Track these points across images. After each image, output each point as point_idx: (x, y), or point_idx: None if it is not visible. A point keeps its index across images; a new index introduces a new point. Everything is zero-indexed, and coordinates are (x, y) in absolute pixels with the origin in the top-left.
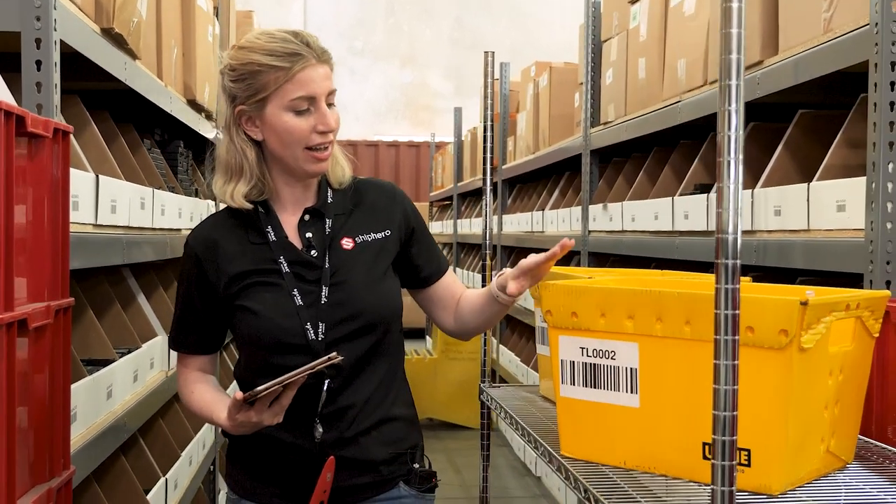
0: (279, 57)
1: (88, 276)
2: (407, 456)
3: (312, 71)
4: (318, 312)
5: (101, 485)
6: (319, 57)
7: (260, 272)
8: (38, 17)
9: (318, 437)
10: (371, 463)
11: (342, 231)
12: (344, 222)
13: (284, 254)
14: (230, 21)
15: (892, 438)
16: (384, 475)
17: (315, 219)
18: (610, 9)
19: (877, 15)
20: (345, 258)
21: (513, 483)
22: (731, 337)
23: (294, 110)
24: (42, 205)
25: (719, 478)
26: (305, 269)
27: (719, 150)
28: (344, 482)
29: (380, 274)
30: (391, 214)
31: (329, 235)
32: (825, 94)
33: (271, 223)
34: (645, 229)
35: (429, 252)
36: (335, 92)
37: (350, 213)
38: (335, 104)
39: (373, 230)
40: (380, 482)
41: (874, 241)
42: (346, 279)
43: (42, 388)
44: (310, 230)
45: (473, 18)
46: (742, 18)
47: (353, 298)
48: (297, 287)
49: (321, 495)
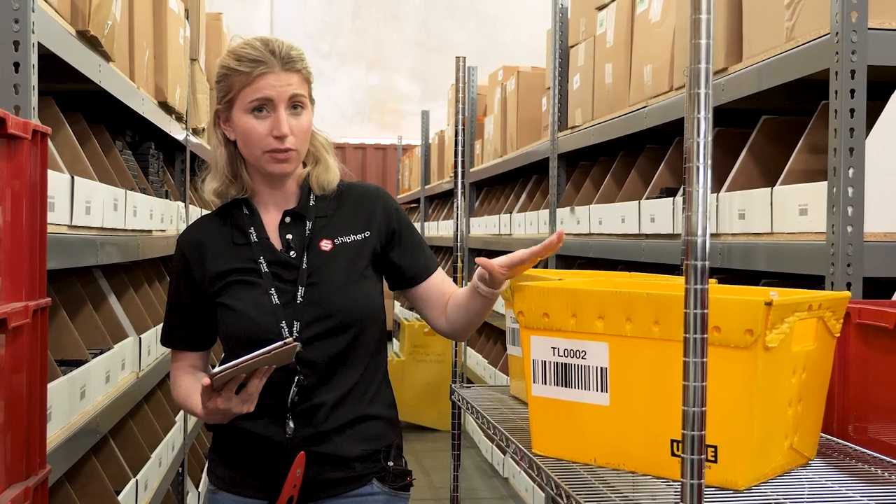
0: (244, 62)
1: (61, 277)
2: (381, 454)
3: (272, 77)
4: (294, 311)
5: (73, 486)
6: (283, 64)
7: (240, 271)
8: (16, 19)
9: (289, 432)
10: (343, 459)
11: (322, 233)
12: (325, 224)
13: (264, 254)
14: (200, 23)
15: (854, 436)
16: (357, 471)
17: (295, 221)
18: (577, 15)
19: (837, 24)
20: (322, 259)
21: (480, 484)
22: (700, 335)
23: (252, 113)
24: (20, 205)
25: (688, 471)
26: (283, 270)
27: (688, 156)
28: (316, 476)
29: (356, 275)
30: (371, 215)
31: (308, 237)
32: (788, 100)
33: (254, 224)
34: (612, 232)
35: (413, 252)
36: (303, 97)
37: (332, 216)
38: (307, 109)
39: (352, 231)
40: (352, 478)
41: (835, 243)
42: (322, 280)
43: (20, 387)
44: (290, 232)
45: (440, 22)
46: (710, 29)
47: (327, 299)
48: (275, 286)
49: (291, 490)
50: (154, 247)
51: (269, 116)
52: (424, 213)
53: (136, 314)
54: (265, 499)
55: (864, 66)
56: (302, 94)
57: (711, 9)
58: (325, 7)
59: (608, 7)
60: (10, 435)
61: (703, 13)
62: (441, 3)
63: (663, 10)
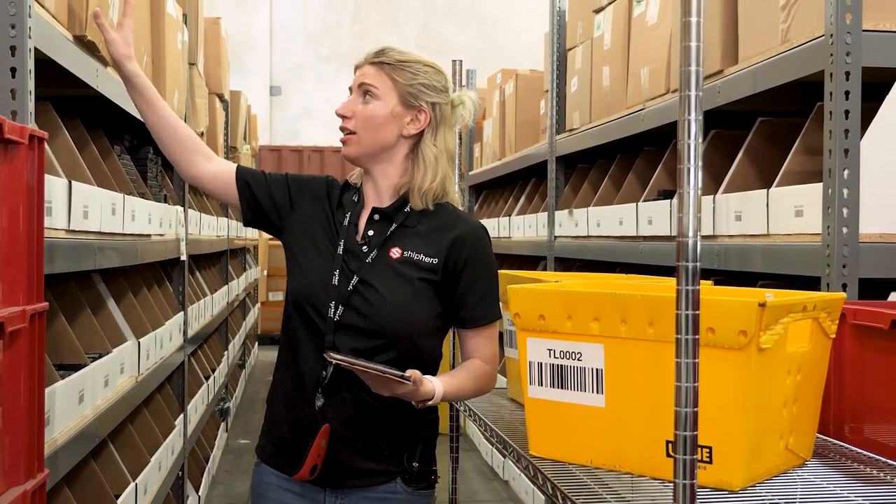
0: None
1: (59, 282)
2: (406, 454)
3: (359, 70)
4: (341, 296)
5: (72, 489)
6: (366, 59)
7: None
8: (12, 24)
9: (318, 405)
10: (366, 449)
11: (397, 240)
12: (404, 234)
13: (346, 239)
14: (198, 28)
15: (850, 436)
16: (381, 465)
17: (383, 220)
18: (575, 18)
19: (832, 26)
20: (385, 263)
21: (480, 487)
22: (692, 336)
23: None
24: (17, 210)
25: (681, 472)
26: (352, 258)
27: (680, 158)
28: (340, 460)
29: (408, 290)
30: (447, 246)
31: (385, 239)
32: (784, 102)
33: (352, 210)
34: (610, 234)
35: (474, 298)
36: (372, 87)
37: (414, 227)
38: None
39: (424, 252)
40: (376, 471)
41: (830, 245)
42: (374, 282)
43: (18, 391)
44: (374, 228)
45: (439, 25)
46: (701, 32)
47: (372, 300)
48: (340, 268)
49: (315, 458)
50: (153, 251)
51: None
52: None
53: (135, 318)
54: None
55: (858, 68)
56: (371, 84)
57: (702, 12)
58: (325, 10)
59: (605, 10)
60: (8, 439)
61: (693, 16)
62: (441, 5)
63: (660, 12)
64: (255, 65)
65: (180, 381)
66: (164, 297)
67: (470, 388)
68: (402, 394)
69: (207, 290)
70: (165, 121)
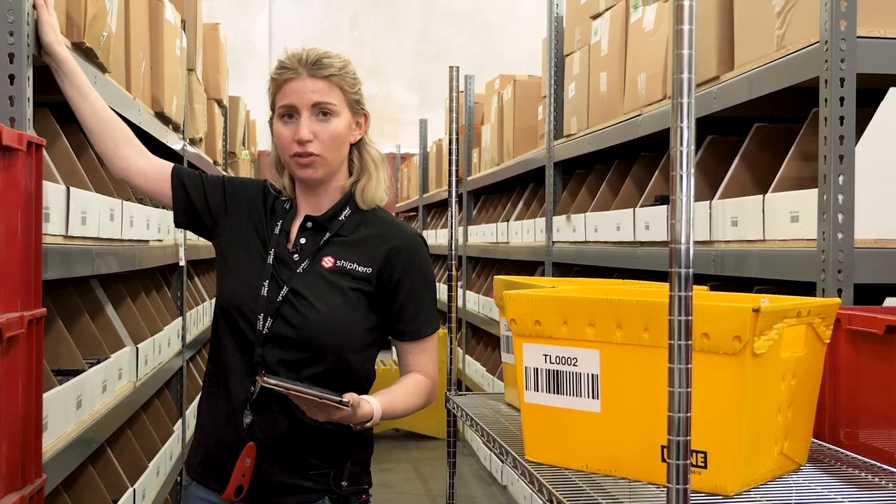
0: (276, 70)
1: (57, 287)
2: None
3: (296, 83)
4: (270, 308)
5: (70, 495)
6: (309, 70)
7: (253, 246)
8: (10, 31)
9: (245, 424)
10: (293, 465)
11: (330, 249)
12: (338, 243)
13: (276, 247)
14: (197, 34)
15: (845, 441)
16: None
17: (316, 229)
18: (572, 24)
19: (826, 32)
20: (317, 273)
21: (479, 492)
22: (685, 342)
23: (282, 119)
24: (15, 216)
25: (674, 477)
26: (282, 267)
27: (672, 165)
28: (267, 477)
29: (340, 300)
30: (382, 256)
31: (317, 248)
32: (780, 108)
33: (284, 218)
34: (607, 240)
35: (412, 310)
36: (329, 104)
37: (348, 237)
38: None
39: (358, 261)
40: (303, 488)
41: (826, 250)
42: (305, 292)
43: (16, 396)
44: (307, 237)
45: (438, 30)
46: (693, 40)
47: (304, 311)
48: (269, 278)
49: (239, 479)
50: (151, 256)
51: (295, 122)
52: (423, 221)
53: (134, 324)
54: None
55: (853, 74)
56: (329, 102)
57: (694, 20)
58: (324, 16)
59: (603, 16)
60: (5, 444)
61: (685, 24)
62: (439, 11)
63: (656, 18)
64: (254, 70)
65: (179, 387)
66: (163, 302)
67: (408, 403)
68: (338, 419)
69: (206, 295)
70: (97, 111)
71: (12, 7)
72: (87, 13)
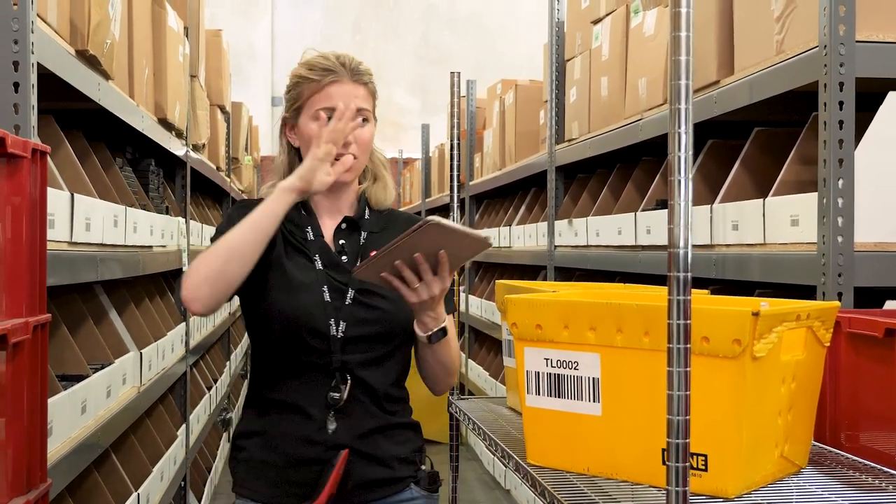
0: (315, 71)
1: (62, 293)
2: (416, 457)
3: (340, 87)
4: (342, 312)
5: (74, 499)
6: (353, 76)
7: (293, 259)
8: (15, 40)
9: (331, 430)
10: (383, 459)
11: (373, 245)
12: (376, 238)
13: (320, 253)
14: (200, 40)
15: (846, 444)
16: (396, 472)
17: (351, 229)
18: (573, 29)
19: (825, 37)
20: None
21: (482, 496)
22: (683, 345)
23: (317, 120)
24: (20, 223)
25: (674, 479)
26: (336, 271)
27: (670, 170)
28: (358, 477)
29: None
30: None
31: (362, 246)
32: (780, 112)
33: (311, 223)
34: (609, 244)
35: None
36: (367, 111)
37: (381, 232)
38: (371, 123)
39: None
40: (393, 479)
41: (826, 254)
42: (371, 288)
43: (20, 401)
44: (344, 238)
45: (439, 35)
46: (690, 46)
47: (379, 305)
48: (328, 284)
49: (333, 488)
50: (155, 262)
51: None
52: None
53: (137, 329)
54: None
55: (852, 78)
56: (367, 109)
57: (692, 27)
58: (325, 21)
59: (603, 21)
60: (11, 449)
61: (683, 31)
62: (441, 16)
63: (657, 23)
64: (256, 76)
65: (182, 392)
66: (166, 307)
67: (456, 352)
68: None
69: None
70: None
71: (17, 15)
72: (90, 20)
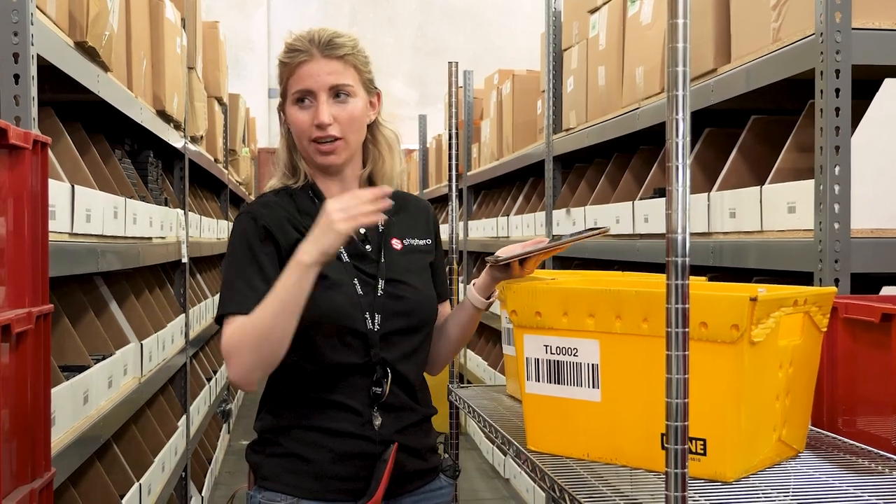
0: (287, 53)
1: (62, 284)
2: (439, 447)
3: (311, 66)
4: (375, 304)
5: (77, 490)
6: (323, 51)
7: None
8: (15, 32)
9: (377, 426)
10: (418, 451)
11: (392, 231)
12: (391, 224)
13: (345, 245)
14: (197, 32)
15: (843, 428)
16: (428, 463)
17: None
18: (570, 18)
19: (821, 25)
20: (396, 257)
21: (482, 485)
22: (682, 329)
23: (297, 104)
24: (22, 214)
25: (672, 461)
26: (362, 262)
27: (668, 156)
28: (400, 468)
29: (426, 277)
30: (428, 226)
31: (382, 233)
32: (777, 100)
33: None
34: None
35: (442, 272)
36: (347, 86)
37: (396, 215)
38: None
39: (417, 236)
40: (427, 470)
41: (822, 240)
42: (401, 277)
43: (24, 391)
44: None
45: (436, 27)
46: (688, 34)
47: (408, 295)
48: (357, 276)
49: (388, 482)
50: (154, 254)
51: (313, 106)
52: None
53: (138, 320)
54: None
55: (848, 66)
56: (345, 83)
57: (689, 14)
58: (323, 14)
59: (600, 10)
60: (15, 438)
61: (680, 18)
62: (437, 7)
63: (654, 12)
64: (253, 67)
65: (182, 383)
66: (166, 299)
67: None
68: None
69: (208, 292)
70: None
71: (16, 7)
72: (89, 13)
